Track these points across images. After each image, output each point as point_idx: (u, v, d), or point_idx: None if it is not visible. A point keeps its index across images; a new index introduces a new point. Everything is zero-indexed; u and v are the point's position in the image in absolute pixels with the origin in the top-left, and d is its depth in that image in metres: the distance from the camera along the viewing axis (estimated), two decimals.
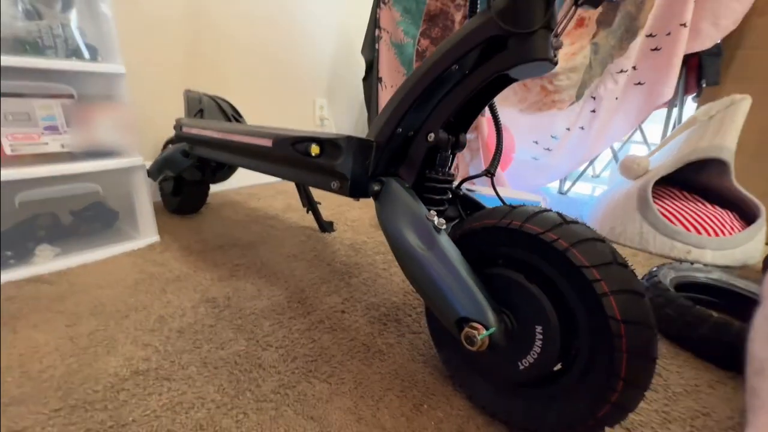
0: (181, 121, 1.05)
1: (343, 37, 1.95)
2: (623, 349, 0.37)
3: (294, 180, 0.78)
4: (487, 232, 0.47)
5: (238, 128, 0.83)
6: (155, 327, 0.65)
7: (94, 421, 0.46)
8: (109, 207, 1.01)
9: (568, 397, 0.43)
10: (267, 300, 0.75)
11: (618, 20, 1.27)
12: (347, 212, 1.35)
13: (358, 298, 0.78)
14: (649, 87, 1.29)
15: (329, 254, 0.99)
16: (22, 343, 0.59)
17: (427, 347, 0.64)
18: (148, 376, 0.54)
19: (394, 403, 0.52)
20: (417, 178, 0.58)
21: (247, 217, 1.24)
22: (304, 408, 0.50)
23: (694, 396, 0.56)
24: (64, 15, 0.81)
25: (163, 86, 1.33)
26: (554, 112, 1.46)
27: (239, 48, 1.53)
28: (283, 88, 1.76)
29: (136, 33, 1.22)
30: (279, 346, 0.62)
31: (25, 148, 0.78)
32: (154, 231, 1.01)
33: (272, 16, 1.61)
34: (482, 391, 0.51)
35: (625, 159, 1.19)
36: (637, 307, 0.37)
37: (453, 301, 0.44)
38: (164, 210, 1.25)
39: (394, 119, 0.55)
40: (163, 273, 0.84)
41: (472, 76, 0.49)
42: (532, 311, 0.43)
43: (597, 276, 0.38)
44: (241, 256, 0.95)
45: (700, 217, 1.05)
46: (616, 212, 1.18)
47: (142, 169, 0.96)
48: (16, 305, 0.69)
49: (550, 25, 0.43)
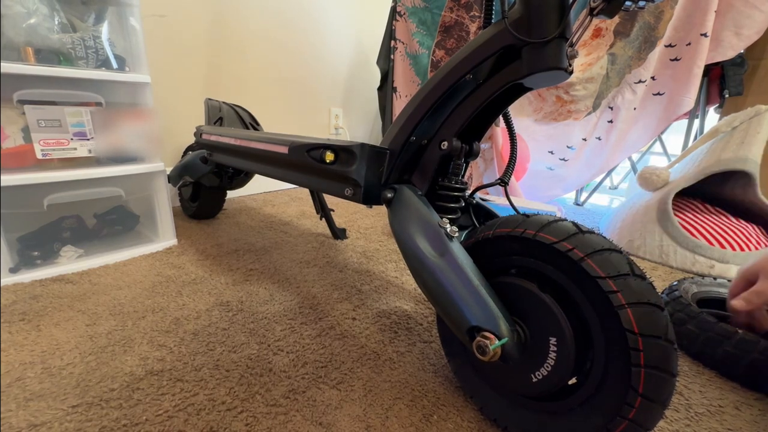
0: (201, 128, 1.08)
1: (359, 48, 1.99)
2: (641, 364, 0.36)
3: (308, 186, 0.79)
4: (500, 241, 0.47)
5: (255, 135, 0.85)
6: (170, 328, 0.66)
7: (110, 418, 0.47)
8: (130, 210, 1.05)
9: (583, 412, 0.41)
10: (279, 305, 0.76)
11: (636, 30, 1.25)
12: (360, 220, 1.36)
13: (370, 306, 0.77)
14: (668, 97, 1.27)
15: (341, 261, 0.99)
16: (45, 340, 0.62)
17: (437, 356, 0.63)
18: (162, 377, 0.55)
19: (403, 412, 0.51)
20: (430, 186, 0.58)
21: (262, 223, 1.26)
22: (314, 414, 0.50)
23: (718, 417, 0.53)
24: (96, 28, 0.86)
25: (185, 95, 1.38)
26: (570, 122, 1.45)
27: (258, 58, 1.58)
28: (299, 98, 1.80)
29: (161, 45, 1.27)
30: (290, 351, 0.62)
31: (56, 153, 0.82)
32: (173, 235, 1.04)
33: (291, 29, 1.66)
34: (494, 403, 0.50)
35: (644, 170, 1.17)
36: (656, 321, 0.36)
37: (464, 309, 0.44)
38: (182, 214, 1.29)
39: (407, 127, 0.56)
40: (180, 276, 0.86)
41: (486, 85, 0.50)
42: (546, 322, 0.42)
43: (613, 287, 0.37)
44: (255, 261, 0.96)
45: (723, 231, 1.02)
46: (635, 225, 1.15)
47: (163, 175, 0.99)
48: (41, 303, 0.72)
49: (565, 34, 0.43)
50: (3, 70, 0.72)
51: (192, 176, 1.09)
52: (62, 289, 0.77)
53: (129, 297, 0.76)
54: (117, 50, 0.90)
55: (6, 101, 0.76)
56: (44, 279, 0.81)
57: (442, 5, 1.52)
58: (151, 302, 0.74)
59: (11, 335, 0.62)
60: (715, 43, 1.18)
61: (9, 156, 0.78)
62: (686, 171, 1.10)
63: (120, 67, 0.90)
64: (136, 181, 0.97)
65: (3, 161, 0.77)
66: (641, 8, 1.22)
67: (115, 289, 0.79)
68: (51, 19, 0.79)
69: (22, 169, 0.79)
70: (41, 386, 0.52)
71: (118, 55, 0.90)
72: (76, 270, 0.85)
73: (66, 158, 0.84)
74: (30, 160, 0.80)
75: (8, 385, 0.52)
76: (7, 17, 0.74)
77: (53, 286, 0.79)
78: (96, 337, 0.63)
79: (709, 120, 1.45)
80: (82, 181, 0.85)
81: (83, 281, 0.81)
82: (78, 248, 0.89)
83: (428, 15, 1.55)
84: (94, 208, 0.99)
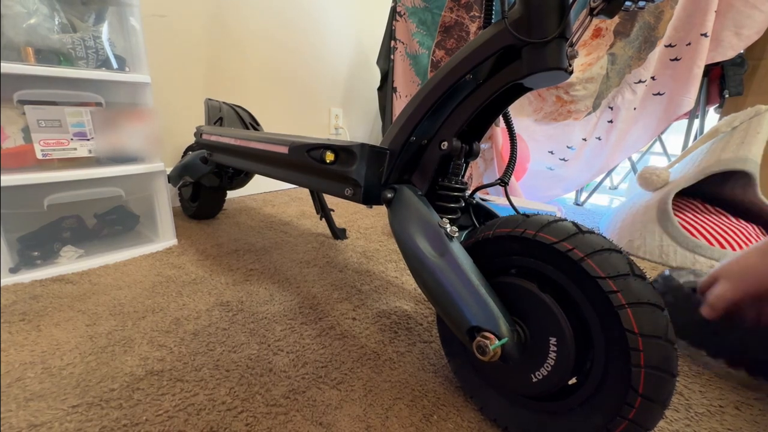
0: (201, 128, 1.08)
1: (359, 48, 1.99)
2: (641, 364, 0.36)
3: (308, 186, 0.79)
4: (500, 241, 0.47)
5: (255, 135, 0.85)
6: (171, 328, 0.66)
7: (110, 419, 0.47)
8: (130, 210, 1.05)
9: (583, 412, 0.41)
10: (279, 305, 0.76)
11: (636, 30, 1.25)
12: (360, 220, 1.36)
13: (370, 306, 0.78)
14: (668, 97, 1.27)
15: (341, 261, 0.99)
16: (45, 340, 0.62)
17: (437, 356, 0.63)
18: (162, 377, 0.55)
19: (403, 412, 0.51)
20: (430, 186, 0.58)
21: (262, 223, 1.26)
22: (314, 414, 0.50)
23: (719, 417, 0.53)
24: (96, 28, 0.86)
25: (185, 95, 1.38)
26: (570, 122, 1.45)
27: (258, 58, 1.58)
28: (299, 98, 1.80)
29: (161, 45, 1.27)
30: (290, 351, 0.62)
31: (56, 153, 0.82)
32: (173, 235, 1.04)
33: (291, 29, 1.66)
34: (494, 403, 0.50)
35: (644, 170, 1.17)
36: (656, 321, 0.36)
37: (464, 309, 0.44)
38: (182, 215, 1.29)
39: (407, 128, 0.56)
40: (180, 276, 0.86)
41: (486, 85, 0.50)
42: (546, 322, 0.42)
43: (613, 287, 0.37)
44: (255, 261, 0.96)
45: (723, 231, 1.02)
46: (635, 225, 1.15)
47: (163, 175, 0.99)
48: (41, 303, 0.72)
49: (565, 34, 0.43)
50: (3, 70, 0.72)
51: (192, 176, 1.09)
52: (62, 289, 0.77)
53: (129, 297, 0.76)
54: (117, 50, 0.90)
55: (6, 101, 0.76)
56: (44, 279, 0.81)
57: (442, 5, 1.52)
58: (151, 302, 0.74)
59: (11, 335, 0.62)
60: (715, 43, 1.18)
61: (9, 156, 0.78)
62: (686, 171, 1.10)
63: (120, 67, 0.90)
64: (136, 181, 0.97)
65: (3, 161, 0.77)
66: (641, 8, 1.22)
67: (115, 289, 0.79)
68: (51, 19, 0.79)
69: (22, 169, 0.79)
70: (41, 386, 0.52)
71: (118, 55, 0.90)
72: (76, 270, 0.85)
73: (66, 158, 0.84)
74: (30, 160, 0.80)
75: (8, 385, 0.52)
76: (7, 17, 0.74)
77: (53, 286, 0.79)
78: (96, 337, 0.63)
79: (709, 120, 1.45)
80: (82, 181, 0.85)
81: (83, 281, 0.81)
82: (78, 248, 0.89)
83: (428, 15, 1.55)
84: (94, 208, 0.99)
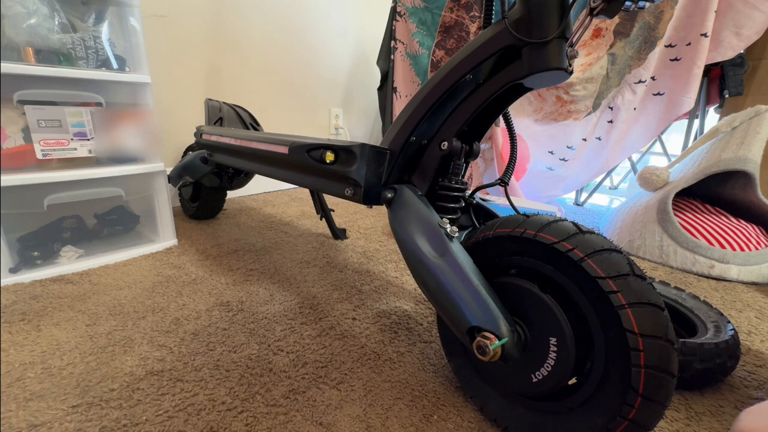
0: (201, 128, 1.08)
1: (358, 48, 1.99)
2: (641, 364, 0.36)
3: (308, 187, 0.79)
4: (500, 241, 0.47)
5: (255, 136, 0.85)
6: (171, 329, 0.66)
7: (110, 419, 0.47)
8: (130, 211, 1.05)
9: (583, 412, 0.41)
10: (279, 305, 0.76)
11: (636, 30, 1.25)
12: (360, 220, 1.36)
13: (370, 306, 0.77)
14: (668, 97, 1.27)
15: (341, 261, 0.99)
16: (45, 340, 0.62)
17: (438, 356, 0.63)
18: (162, 377, 0.55)
19: (403, 412, 0.51)
20: (430, 187, 0.58)
21: (262, 223, 1.26)
22: (314, 414, 0.50)
23: (718, 417, 0.53)
24: (96, 28, 0.86)
25: (185, 95, 1.38)
26: (570, 123, 1.45)
27: (258, 59, 1.58)
28: (300, 98, 1.80)
29: (161, 45, 1.27)
30: (290, 351, 0.62)
31: (56, 153, 0.82)
32: (173, 235, 1.04)
33: (291, 29, 1.66)
34: (494, 403, 0.50)
35: (643, 170, 1.17)
36: (656, 321, 0.36)
37: (464, 309, 0.44)
38: (183, 215, 1.29)
39: (408, 128, 0.56)
40: (180, 276, 0.86)
41: (486, 85, 0.50)
42: (546, 322, 0.42)
43: (613, 287, 0.37)
44: (255, 261, 0.96)
45: (723, 231, 1.02)
46: (635, 225, 1.15)
47: (163, 175, 0.99)
48: (41, 303, 0.72)
49: (565, 34, 0.43)
50: (3, 70, 0.72)
51: (192, 176, 1.09)
52: (62, 289, 0.77)
53: (129, 297, 0.76)
54: (117, 50, 0.90)
55: (6, 101, 0.76)
56: (44, 279, 0.81)
57: (442, 5, 1.52)
58: (151, 302, 0.74)
59: (11, 335, 0.62)
60: (715, 43, 1.18)
61: (9, 156, 0.78)
62: (686, 171, 1.10)
63: (120, 67, 0.90)
64: (136, 181, 0.97)
65: (3, 161, 0.77)
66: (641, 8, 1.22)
67: (116, 289, 0.79)
68: (51, 19, 0.79)
69: (22, 169, 0.79)
70: (41, 386, 0.52)
71: (118, 56, 0.90)
72: (76, 270, 0.85)
73: (66, 158, 0.84)
74: (30, 160, 0.80)
75: (8, 385, 0.52)
76: (7, 17, 0.74)
77: (53, 286, 0.79)
78: (96, 337, 0.63)
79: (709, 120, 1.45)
80: (82, 181, 0.85)
81: (83, 281, 0.81)
82: (78, 248, 0.89)
83: (428, 15, 1.55)
84: (95, 208, 0.99)
